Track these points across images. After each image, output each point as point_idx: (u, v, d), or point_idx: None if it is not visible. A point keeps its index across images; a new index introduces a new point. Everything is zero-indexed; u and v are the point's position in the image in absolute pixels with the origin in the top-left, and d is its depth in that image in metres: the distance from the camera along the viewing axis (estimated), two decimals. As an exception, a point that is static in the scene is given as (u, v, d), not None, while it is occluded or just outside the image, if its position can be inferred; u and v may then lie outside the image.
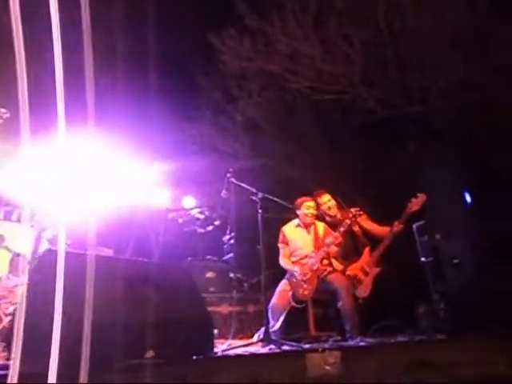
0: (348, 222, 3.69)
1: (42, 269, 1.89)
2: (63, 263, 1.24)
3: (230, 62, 5.49)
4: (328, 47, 5.06)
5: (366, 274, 3.84)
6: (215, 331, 3.43)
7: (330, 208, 4.14)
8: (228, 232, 5.60)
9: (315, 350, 1.84)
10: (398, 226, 3.87)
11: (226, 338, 4.15)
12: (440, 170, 4.75)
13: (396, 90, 4.91)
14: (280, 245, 3.98)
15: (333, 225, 4.07)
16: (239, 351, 2.80)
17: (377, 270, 3.84)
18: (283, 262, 3.89)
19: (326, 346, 2.97)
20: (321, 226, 3.98)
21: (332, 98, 5.28)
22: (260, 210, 3.48)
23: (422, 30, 4.40)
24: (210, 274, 5.06)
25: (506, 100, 3.99)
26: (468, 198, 4.46)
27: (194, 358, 1.88)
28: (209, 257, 5.38)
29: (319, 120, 6.05)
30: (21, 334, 1.14)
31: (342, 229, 3.68)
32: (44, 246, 4.79)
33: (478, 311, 3.22)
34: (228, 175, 3.70)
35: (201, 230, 5.71)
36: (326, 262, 3.73)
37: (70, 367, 1.13)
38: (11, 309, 3.54)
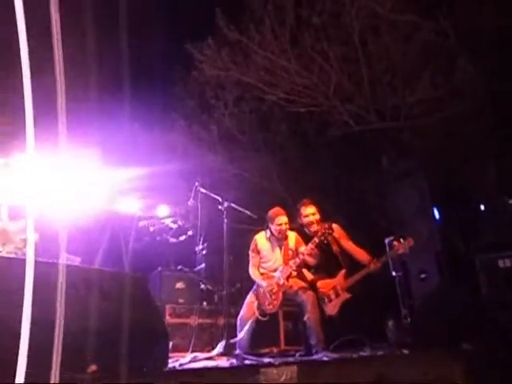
0: (317, 240, 3.55)
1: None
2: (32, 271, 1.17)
3: (207, 71, 5.50)
4: (304, 61, 5.14)
5: (337, 295, 3.79)
6: (171, 343, 3.33)
7: (312, 223, 3.92)
8: (200, 242, 5.53)
9: (272, 365, 1.79)
10: (375, 264, 3.75)
11: (195, 351, 4.06)
12: (410, 186, 4.84)
13: (369, 106, 5.02)
14: (251, 253, 3.87)
15: (309, 237, 4.01)
16: (198, 365, 2.73)
17: (348, 295, 3.76)
18: (252, 271, 3.80)
19: (291, 360, 2.92)
20: (292, 236, 3.88)
21: (306, 110, 5.34)
22: (225, 220, 3.42)
23: (393, 50, 4.52)
24: (179, 285, 4.95)
25: (470, 119, 4.13)
26: (436, 213, 4.56)
27: (144, 371, 1.80)
28: (180, 267, 5.28)
29: (294, 132, 6.11)
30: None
31: (311, 245, 3.58)
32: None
33: (443, 327, 3.24)
34: (196, 184, 3.63)
35: (173, 240, 5.62)
36: (294, 273, 3.68)
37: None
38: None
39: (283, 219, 3.80)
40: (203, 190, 3.63)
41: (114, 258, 5.64)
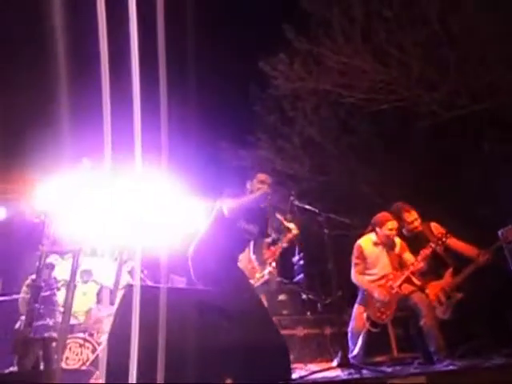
0: (433, 245, 3.36)
1: (124, 303, 2.04)
2: (139, 295, 1.35)
3: (283, 85, 5.60)
4: (380, 57, 4.97)
5: (448, 297, 3.52)
6: (291, 356, 3.37)
7: (416, 228, 3.74)
8: (297, 253, 5.58)
9: (397, 376, 1.71)
10: (484, 256, 3.46)
11: (305, 362, 4.07)
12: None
13: (458, 89, 4.63)
14: (355, 260, 3.67)
15: (411, 239, 3.83)
16: (317, 377, 2.71)
17: (459, 296, 3.48)
18: (358, 279, 3.60)
19: (411, 369, 2.76)
20: (397, 242, 3.69)
21: (388, 107, 5.12)
22: (326, 230, 3.38)
23: (480, 23, 4.12)
24: (282, 297, 5.05)
25: None
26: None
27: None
28: (280, 279, 5.38)
29: (378, 131, 5.89)
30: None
31: (425, 251, 3.36)
32: (125, 278, 5.19)
33: None
34: (291, 198, 3.65)
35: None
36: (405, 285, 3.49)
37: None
38: (103, 338, 3.84)
39: (394, 224, 3.62)
40: (298, 203, 3.65)
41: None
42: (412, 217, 3.80)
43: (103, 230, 4.51)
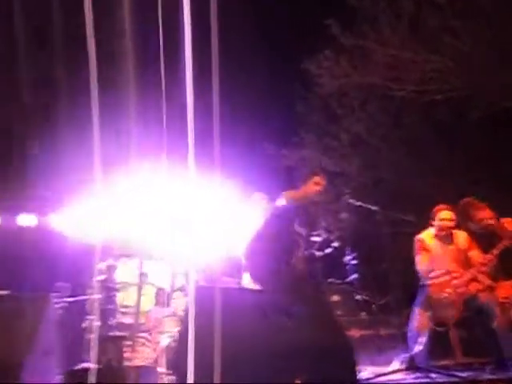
0: (506, 243, 3.18)
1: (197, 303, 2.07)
2: (194, 295, 1.37)
3: (328, 83, 5.53)
4: (431, 46, 4.76)
5: None
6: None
7: (486, 224, 3.50)
8: (349, 252, 5.47)
9: (477, 381, 1.60)
10: None
11: (364, 364, 3.97)
12: None
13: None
14: (420, 252, 3.48)
15: (480, 235, 3.61)
16: (383, 380, 2.63)
17: None
18: (425, 270, 3.40)
19: (485, 375, 2.59)
20: (462, 236, 3.50)
21: (442, 97, 4.89)
22: (382, 229, 3.29)
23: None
24: (335, 298, 4.96)
25: None
26: None
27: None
28: (331, 279, 5.29)
29: (430, 123, 5.65)
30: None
31: (495, 251, 3.20)
32: (180, 281, 5.32)
33: None
34: (346, 196, 3.59)
35: (319, 253, 5.68)
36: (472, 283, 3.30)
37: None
38: (161, 338, 3.95)
39: (447, 214, 3.45)
40: (353, 202, 3.59)
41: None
42: (481, 213, 3.57)
43: (158, 233, 4.65)
